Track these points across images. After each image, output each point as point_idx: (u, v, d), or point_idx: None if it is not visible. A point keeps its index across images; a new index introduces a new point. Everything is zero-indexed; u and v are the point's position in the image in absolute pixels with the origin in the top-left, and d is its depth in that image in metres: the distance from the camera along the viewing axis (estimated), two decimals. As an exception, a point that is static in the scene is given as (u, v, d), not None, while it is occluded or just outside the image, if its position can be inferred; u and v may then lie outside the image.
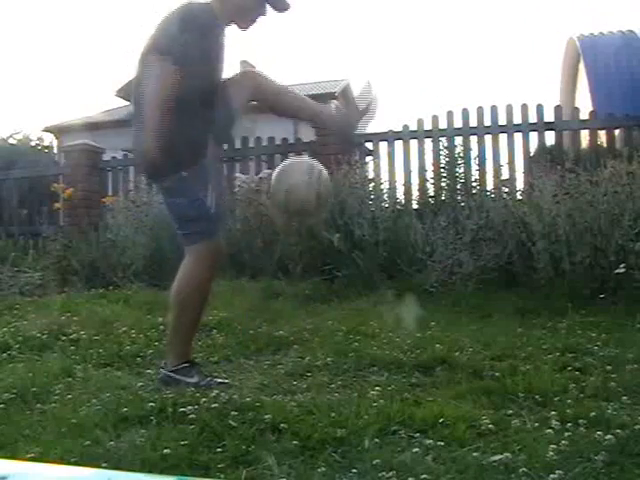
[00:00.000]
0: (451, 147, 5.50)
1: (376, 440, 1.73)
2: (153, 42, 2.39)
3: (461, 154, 5.37)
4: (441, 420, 1.85)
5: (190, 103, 2.32)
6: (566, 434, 1.72)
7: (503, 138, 5.70)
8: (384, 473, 1.53)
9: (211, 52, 2.42)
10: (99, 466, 1.55)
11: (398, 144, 5.94)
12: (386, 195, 5.35)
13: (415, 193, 5.69)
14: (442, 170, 5.35)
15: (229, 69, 2.63)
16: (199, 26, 2.36)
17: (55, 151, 15.55)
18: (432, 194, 5.44)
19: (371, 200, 5.00)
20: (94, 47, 50.39)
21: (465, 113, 5.80)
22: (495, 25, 53.60)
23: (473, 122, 5.77)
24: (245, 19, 2.52)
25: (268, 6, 2.51)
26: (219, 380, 2.41)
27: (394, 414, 1.90)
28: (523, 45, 53.24)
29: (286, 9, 2.54)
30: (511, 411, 1.97)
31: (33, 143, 17.12)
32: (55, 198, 6.87)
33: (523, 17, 51.87)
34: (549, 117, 5.73)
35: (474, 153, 5.57)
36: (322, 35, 48.38)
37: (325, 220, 4.59)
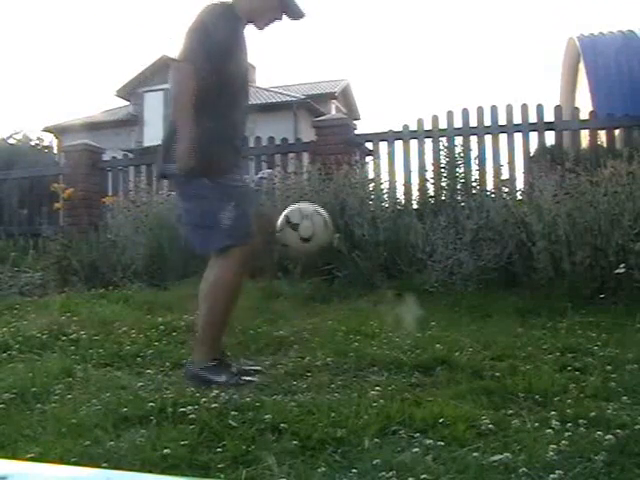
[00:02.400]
0: (451, 147, 5.50)
1: (376, 440, 1.73)
2: (178, 49, 2.45)
3: (461, 154, 5.37)
4: (441, 420, 1.85)
5: (220, 105, 2.40)
6: (566, 434, 1.72)
7: (503, 138, 5.70)
8: (384, 473, 1.53)
9: (235, 50, 2.50)
10: (99, 466, 1.55)
11: (398, 144, 5.94)
12: (386, 195, 5.35)
13: (415, 193, 5.69)
14: (442, 170, 5.35)
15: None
16: (222, 27, 2.43)
17: (55, 151, 15.56)
18: (432, 194, 5.43)
19: (371, 200, 5.00)
20: (94, 47, 50.38)
21: (465, 113, 5.80)
22: (495, 25, 53.62)
23: (473, 122, 5.77)
24: (263, 20, 2.60)
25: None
26: (247, 378, 2.43)
27: (394, 414, 1.90)
28: (523, 45, 53.25)
29: (300, 17, 2.62)
30: (511, 411, 1.97)
31: (33, 143, 17.13)
32: (55, 198, 6.87)
33: (524, 17, 51.87)
34: (549, 117, 5.74)
35: (474, 153, 5.57)
36: (322, 35, 48.41)
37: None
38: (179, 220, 2.67)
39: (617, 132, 5.71)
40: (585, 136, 5.74)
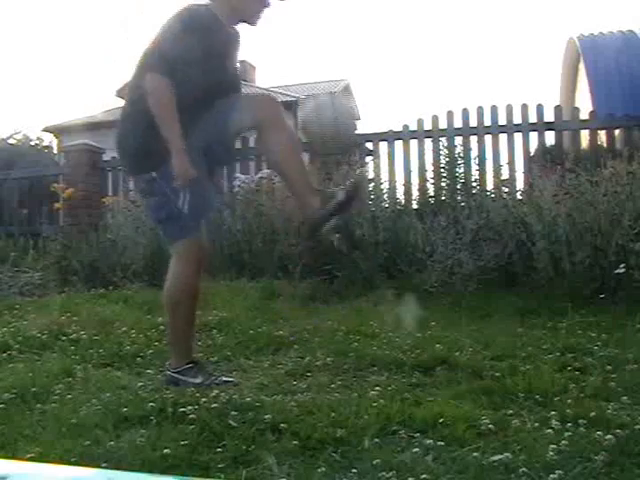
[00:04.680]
0: (451, 147, 5.50)
1: (376, 440, 1.73)
2: (146, 55, 2.36)
3: (461, 154, 5.37)
4: (441, 420, 1.85)
5: (183, 103, 2.29)
6: (566, 434, 1.72)
7: (503, 138, 5.70)
8: (384, 473, 1.53)
9: (212, 52, 2.39)
10: (99, 466, 1.55)
11: (398, 144, 5.94)
12: (386, 195, 5.35)
13: (415, 193, 5.69)
14: (442, 170, 5.35)
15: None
16: (198, 29, 2.33)
17: (55, 151, 15.56)
18: (432, 194, 5.43)
19: (371, 200, 5.00)
20: (95, 47, 50.42)
21: (465, 113, 5.80)
22: (495, 25, 53.64)
23: (473, 122, 5.76)
24: (251, 15, 2.50)
25: None
26: (224, 378, 2.41)
27: (394, 414, 1.90)
28: (523, 45, 53.28)
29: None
30: (511, 411, 1.97)
31: (33, 143, 17.13)
32: (55, 198, 6.87)
33: (523, 17, 51.91)
34: (549, 117, 5.73)
35: (474, 153, 5.57)
36: (322, 35, 48.43)
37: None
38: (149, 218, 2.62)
39: (617, 132, 5.71)
40: (585, 136, 5.74)
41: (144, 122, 2.33)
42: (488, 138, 5.70)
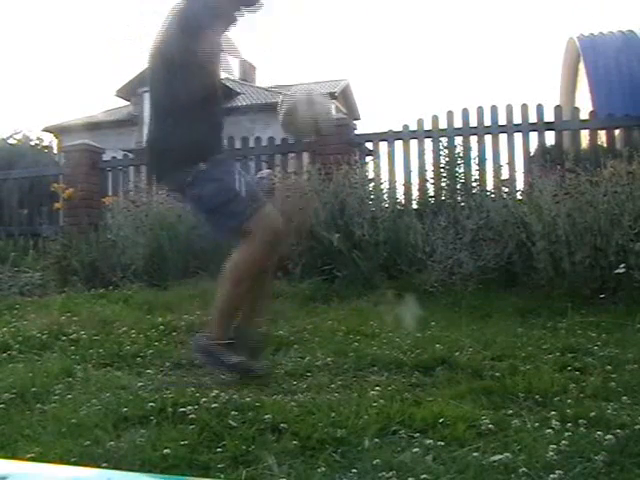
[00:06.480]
0: (451, 147, 5.50)
1: (376, 440, 1.73)
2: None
3: (461, 154, 5.37)
4: (441, 420, 1.85)
5: (199, 99, 2.38)
6: (566, 434, 1.72)
7: (503, 138, 5.70)
8: (384, 473, 1.53)
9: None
10: (99, 466, 1.55)
11: (398, 144, 5.94)
12: (386, 195, 5.35)
13: (415, 193, 5.69)
14: (442, 170, 5.35)
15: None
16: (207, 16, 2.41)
17: (55, 151, 15.57)
18: (432, 194, 5.44)
19: (371, 200, 5.00)
20: (94, 47, 50.41)
21: (465, 113, 5.80)
22: (495, 25, 53.66)
23: (473, 122, 5.77)
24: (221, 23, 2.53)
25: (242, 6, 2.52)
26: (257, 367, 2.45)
27: (394, 414, 1.90)
28: (523, 45, 53.29)
29: (254, 3, 2.52)
30: (511, 411, 1.97)
31: (33, 143, 17.12)
32: (55, 198, 6.88)
33: (523, 17, 51.91)
34: (549, 117, 5.74)
35: (474, 153, 5.57)
36: (322, 35, 48.43)
37: (325, 220, 4.61)
38: (195, 215, 2.70)
39: (617, 132, 5.71)
40: (585, 136, 5.74)
41: (190, 116, 2.38)
42: (488, 138, 5.71)
